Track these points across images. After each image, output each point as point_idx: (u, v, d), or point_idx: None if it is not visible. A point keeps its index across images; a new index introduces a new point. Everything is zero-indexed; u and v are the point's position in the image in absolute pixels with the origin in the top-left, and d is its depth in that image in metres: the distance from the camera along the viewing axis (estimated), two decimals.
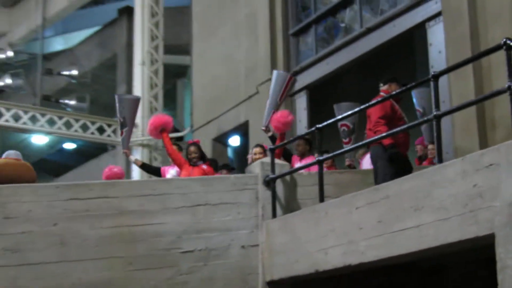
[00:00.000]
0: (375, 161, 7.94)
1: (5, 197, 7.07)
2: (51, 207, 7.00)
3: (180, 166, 10.10)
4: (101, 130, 17.66)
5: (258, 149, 10.15)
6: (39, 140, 20.86)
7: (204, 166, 10.03)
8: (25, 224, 6.84)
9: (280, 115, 9.92)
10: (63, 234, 6.94)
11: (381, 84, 7.86)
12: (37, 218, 6.91)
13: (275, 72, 10.86)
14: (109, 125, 17.80)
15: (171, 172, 10.73)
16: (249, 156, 10.91)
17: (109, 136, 17.73)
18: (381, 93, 7.84)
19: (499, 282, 4.82)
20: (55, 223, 6.94)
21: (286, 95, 10.28)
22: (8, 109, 17.08)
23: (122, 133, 11.11)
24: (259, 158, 9.54)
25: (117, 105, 10.82)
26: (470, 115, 8.44)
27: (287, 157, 10.28)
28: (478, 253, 5.35)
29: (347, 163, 10.60)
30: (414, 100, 9.94)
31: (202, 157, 10.36)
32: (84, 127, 18.26)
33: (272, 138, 10.35)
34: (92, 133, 18.04)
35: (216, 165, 11.53)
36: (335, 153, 8.87)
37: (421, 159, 10.26)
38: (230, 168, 11.99)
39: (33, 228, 6.86)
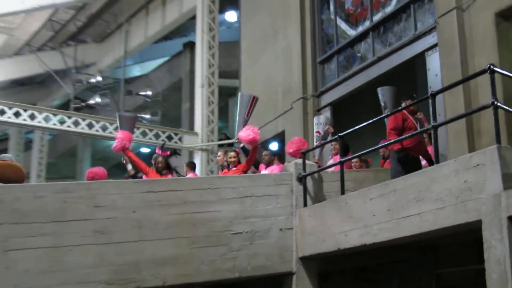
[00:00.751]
0: (391, 162, 8.03)
1: (95, 190, 7.17)
2: (131, 198, 7.08)
3: (146, 173, 9.63)
4: (169, 137, 17.72)
5: (233, 153, 9.95)
6: None
7: (169, 176, 9.62)
8: (110, 211, 6.92)
9: (246, 136, 9.42)
10: (140, 219, 7.01)
11: (403, 102, 7.85)
12: (120, 207, 6.99)
13: (239, 94, 10.88)
14: (176, 134, 17.85)
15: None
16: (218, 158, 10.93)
17: (175, 142, 17.75)
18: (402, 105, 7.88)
19: (486, 259, 4.87)
20: (134, 210, 7.02)
21: (251, 112, 10.14)
22: (97, 122, 17.23)
23: None
24: (233, 161, 9.67)
25: (117, 121, 10.56)
26: (460, 125, 8.42)
27: (256, 164, 10.25)
28: (467, 236, 5.29)
29: (313, 161, 10.21)
30: (379, 96, 9.88)
31: (167, 167, 9.88)
32: (156, 135, 18.31)
33: (244, 149, 10.13)
34: (163, 140, 18.11)
35: (194, 167, 11.23)
36: (352, 156, 8.82)
37: (385, 158, 10.07)
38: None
39: (117, 215, 6.94)
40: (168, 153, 10.26)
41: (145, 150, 21.60)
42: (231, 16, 19.61)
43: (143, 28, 20.80)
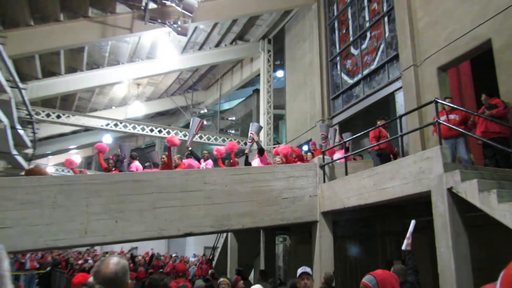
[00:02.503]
0: (373, 157, 8.00)
1: (204, 173, 7.27)
2: (224, 178, 7.15)
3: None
4: (245, 143, 17.80)
5: (206, 152, 9.75)
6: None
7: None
8: (213, 185, 6.99)
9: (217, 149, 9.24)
10: (230, 190, 7.06)
11: (379, 120, 7.79)
12: (218, 183, 7.05)
13: (192, 118, 10.17)
14: (246, 143, 18.01)
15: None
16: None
17: (245, 144, 17.93)
18: (378, 124, 7.78)
19: (434, 213, 4.84)
20: (226, 185, 7.08)
21: (198, 129, 9.62)
22: (205, 135, 17.43)
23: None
24: (206, 159, 9.36)
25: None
26: (416, 134, 8.18)
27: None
28: (421, 200, 5.16)
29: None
30: (251, 128, 9.58)
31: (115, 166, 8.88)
32: (238, 142, 18.50)
33: (192, 152, 9.56)
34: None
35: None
36: (350, 153, 8.70)
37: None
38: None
39: (216, 187, 7.00)
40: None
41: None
42: (280, 73, 19.64)
43: (230, 81, 20.97)
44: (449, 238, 4.46)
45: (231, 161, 9.14)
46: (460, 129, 6.18)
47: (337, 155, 8.84)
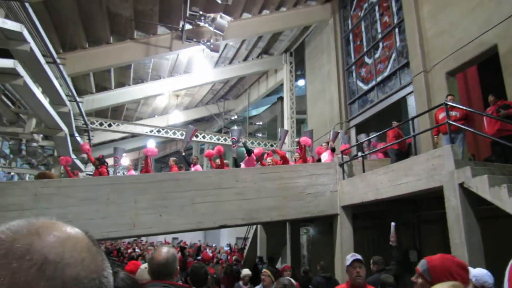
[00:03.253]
0: (392, 155, 7.72)
1: (236, 172, 7.27)
2: (253, 176, 7.13)
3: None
4: (271, 145, 17.70)
5: (195, 157, 9.36)
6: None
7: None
8: (244, 183, 6.99)
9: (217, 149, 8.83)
10: (258, 187, 7.03)
11: (394, 122, 7.57)
12: (248, 180, 7.04)
13: (188, 126, 9.79)
14: (274, 143, 17.88)
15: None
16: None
17: (271, 145, 17.75)
18: (393, 124, 7.55)
19: (446, 207, 4.61)
20: (255, 182, 7.06)
21: (192, 137, 9.54)
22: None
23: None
24: (195, 164, 8.92)
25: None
26: (428, 134, 7.88)
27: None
28: (433, 194, 4.98)
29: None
30: (231, 133, 9.56)
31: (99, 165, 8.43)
32: (265, 144, 18.42)
33: (184, 157, 9.28)
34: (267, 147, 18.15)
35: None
36: (367, 152, 8.51)
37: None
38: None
39: (247, 185, 7.00)
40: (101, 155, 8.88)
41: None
42: (301, 82, 19.49)
43: (257, 90, 20.96)
44: (462, 231, 4.28)
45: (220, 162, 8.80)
46: (460, 125, 5.92)
47: (324, 155, 8.83)
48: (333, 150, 8.99)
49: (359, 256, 3.20)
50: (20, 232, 0.49)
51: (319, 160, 9.10)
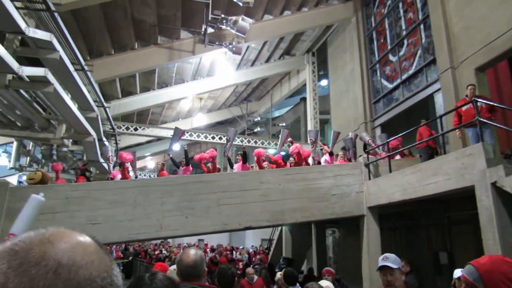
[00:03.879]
0: (422, 153, 7.43)
1: (260, 174, 7.26)
2: (278, 177, 7.11)
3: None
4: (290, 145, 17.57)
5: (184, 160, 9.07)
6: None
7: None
8: (268, 184, 6.99)
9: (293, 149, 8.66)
10: (283, 188, 7.01)
11: (423, 120, 7.32)
12: (272, 182, 7.03)
13: (175, 128, 9.34)
14: (291, 144, 17.77)
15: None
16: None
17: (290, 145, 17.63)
18: (422, 123, 7.29)
19: (479, 207, 4.43)
20: (280, 184, 7.04)
21: (180, 138, 9.35)
22: (259, 140, 17.45)
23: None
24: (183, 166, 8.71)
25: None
26: (456, 132, 7.66)
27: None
28: (464, 194, 4.83)
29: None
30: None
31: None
32: (289, 145, 18.35)
33: (172, 159, 9.09)
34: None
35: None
36: (393, 152, 8.33)
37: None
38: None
39: (271, 186, 6.99)
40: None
41: (282, 153, 21.73)
42: (324, 82, 19.32)
43: (279, 91, 20.91)
44: (495, 231, 4.13)
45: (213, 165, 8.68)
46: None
47: (323, 159, 8.79)
48: (331, 154, 8.82)
49: (388, 262, 2.45)
50: (33, 242, 0.53)
51: (319, 163, 8.98)
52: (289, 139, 10.02)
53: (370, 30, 13.60)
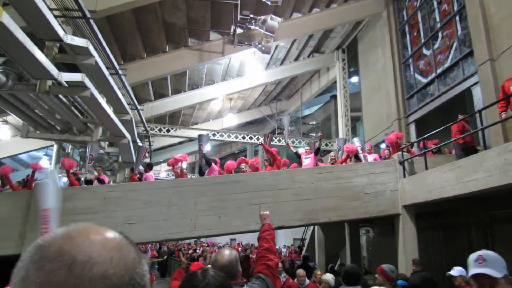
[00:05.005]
0: (457, 151, 7.11)
1: (292, 173, 7.23)
2: (310, 176, 7.07)
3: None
4: (326, 144, 17.36)
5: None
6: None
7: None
8: (300, 183, 6.94)
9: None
10: (315, 187, 6.96)
11: (460, 116, 7.00)
12: (305, 181, 6.99)
13: (140, 147, 9.35)
14: (329, 143, 17.51)
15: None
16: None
17: (327, 146, 17.38)
18: (459, 118, 6.97)
19: None
20: (312, 182, 6.99)
21: (144, 156, 9.46)
22: (290, 139, 17.36)
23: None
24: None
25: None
26: (498, 127, 7.30)
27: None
28: (509, 192, 4.61)
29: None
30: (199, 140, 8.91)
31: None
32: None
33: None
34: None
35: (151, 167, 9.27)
36: (429, 149, 8.06)
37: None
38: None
39: (303, 185, 6.95)
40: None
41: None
42: (354, 79, 19.00)
43: (309, 90, 20.70)
44: None
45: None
46: None
47: (306, 160, 8.43)
48: (316, 152, 8.46)
49: (486, 267, 1.65)
50: (56, 238, 0.55)
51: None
52: (260, 141, 9.93)
53: (402, 24, 13.24)
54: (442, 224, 8.59)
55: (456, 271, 4.09)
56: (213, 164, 8.33)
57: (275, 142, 17.32)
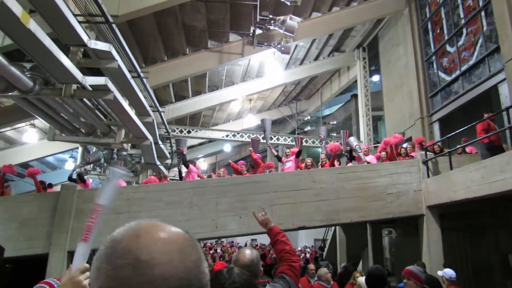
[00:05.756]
0: (482, 150, 6.91)
1: (313, 173, 7.20)
2: (331, 176, 7.03)
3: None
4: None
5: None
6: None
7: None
8: (321, 183, 6.92)
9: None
10: (337, 187, 6.91)
11: (485, 114, 6.78)
12: (326, 181, 6.97)
13: (113, 170, 8.89)
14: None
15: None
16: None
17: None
18: (485, 117, 6.77)
19: None
20: (333, 183, 6.95)
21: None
22: (309, 139, 17.30)
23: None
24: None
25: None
26: None
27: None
28: None
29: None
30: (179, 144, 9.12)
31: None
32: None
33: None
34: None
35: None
36: (453, 148, 7.87)
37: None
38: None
39: (324, 185, 6.92)
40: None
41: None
42: (375, 78, 18.73)
43: (329, 89, 20.55)
44: None
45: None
46: None
47: (288, 163, 8.35)
48: (297, 155, 8.33)
49: None
50: (126, 234, 0.59)
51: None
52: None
53: (424, 21, 12.99)
54: (467, 226, 8.39)
55: None
56: (191, 165, 8.67)
57: (288, 142, 17.26)
